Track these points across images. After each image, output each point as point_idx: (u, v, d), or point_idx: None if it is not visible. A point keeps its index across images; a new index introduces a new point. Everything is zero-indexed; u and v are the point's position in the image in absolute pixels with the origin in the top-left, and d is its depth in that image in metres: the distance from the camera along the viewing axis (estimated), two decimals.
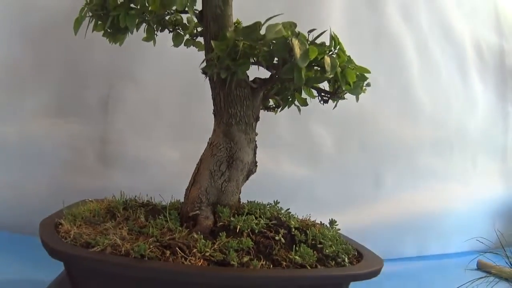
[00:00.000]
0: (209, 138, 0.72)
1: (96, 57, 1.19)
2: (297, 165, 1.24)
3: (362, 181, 1.30)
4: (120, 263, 0.50)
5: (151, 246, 0.52)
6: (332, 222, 0.78)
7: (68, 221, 0.60)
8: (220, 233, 0.59)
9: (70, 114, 1.19)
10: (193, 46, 0.81)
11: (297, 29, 0.55)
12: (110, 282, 0.52)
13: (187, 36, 0.79)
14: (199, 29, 0.76)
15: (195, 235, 0.57)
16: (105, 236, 0.53)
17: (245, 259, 0.55)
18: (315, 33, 0.61)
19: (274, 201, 0.83)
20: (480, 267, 1.16)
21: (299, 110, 0.79)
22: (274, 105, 0.77)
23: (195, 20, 0.71)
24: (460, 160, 1.48)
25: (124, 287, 0.53)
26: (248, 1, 0.82)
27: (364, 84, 0.63)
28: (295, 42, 0.49)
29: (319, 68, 0.57)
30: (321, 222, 0.82)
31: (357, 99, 0.65)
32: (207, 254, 0.54)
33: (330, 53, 0.56)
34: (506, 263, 1.04)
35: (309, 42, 0.54)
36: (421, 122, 1.39)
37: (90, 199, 0.81)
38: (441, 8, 1.54)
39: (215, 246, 0.56)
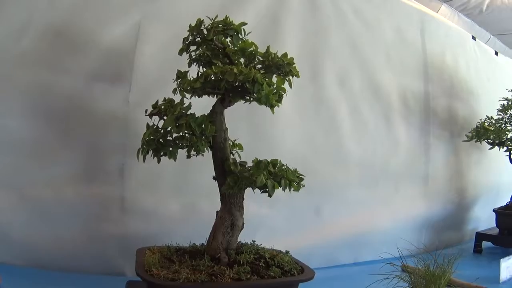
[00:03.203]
0: (218, 212, 1.70)
1: (112, 136, 2.11)
2: (259, 207, 2.24)
3: (306, 213, 2.39)
4: (193, 286, 1.48)
5: (204, 276, 1.51)
6: (287, 252, 1.81)
7: (155, 268, 1.55)
8: (234, 265, 1.59)
9: (94, 179, 2.11)
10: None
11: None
12: None
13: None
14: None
15: (223, 267, 1.56)
16: (179, 274, 1.50)
17: (248, 276, 1.56)
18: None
19: (252, 240, 1.85)
20: (403, 268, 1.91)
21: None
22: None
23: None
24: (384, 189, 2.61)
25: None
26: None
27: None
28: (269, 183, 1.49)
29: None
30: (280, 251, 1.84)
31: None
32: (231, 276, 1.53)
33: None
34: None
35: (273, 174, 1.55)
36: (351, 165, 2.48)
37: (147, 249, 1.75)
38: (372, 68, 2.62)
39: (233, 271, 1.55)
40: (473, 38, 3.69)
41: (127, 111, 2.11)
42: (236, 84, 1.54)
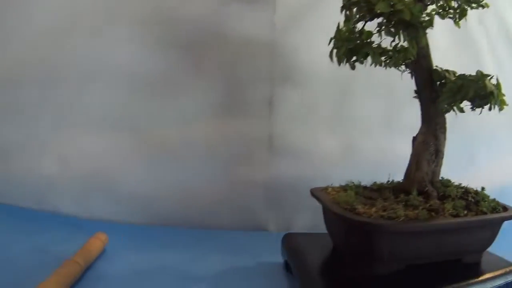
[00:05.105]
0: (417, 136, 1.38)
1: (256, 63, 1.79)
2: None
3: (459, 158, 1.96)
4: (417, 225, 1.19)
5: (423, 211, 1.21)
6: (483, 188, 1.49)
7: (359, 204, 1.25)
8: (446, 199, 1.29)
9: (233, 114, 1.81)
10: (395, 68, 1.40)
11: None
12: (406, 237, 1.21)
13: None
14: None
15: (438, 202, 1.27)
16: (394, 211, 1.20)
17: (465, 212, 1.26)
18: None
19: (442, 177, 1.53)
20: None
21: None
22: None
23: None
24: None
25: (416, 238, 1.22)
26: None
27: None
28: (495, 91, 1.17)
29: None
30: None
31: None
32: (449, 212, 1.24)
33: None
34: None
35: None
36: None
37: (322, 189, 1.45)
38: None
39: (449, 207, 1.26)
40: None
41: (272, 35, 1.77)
42: None
